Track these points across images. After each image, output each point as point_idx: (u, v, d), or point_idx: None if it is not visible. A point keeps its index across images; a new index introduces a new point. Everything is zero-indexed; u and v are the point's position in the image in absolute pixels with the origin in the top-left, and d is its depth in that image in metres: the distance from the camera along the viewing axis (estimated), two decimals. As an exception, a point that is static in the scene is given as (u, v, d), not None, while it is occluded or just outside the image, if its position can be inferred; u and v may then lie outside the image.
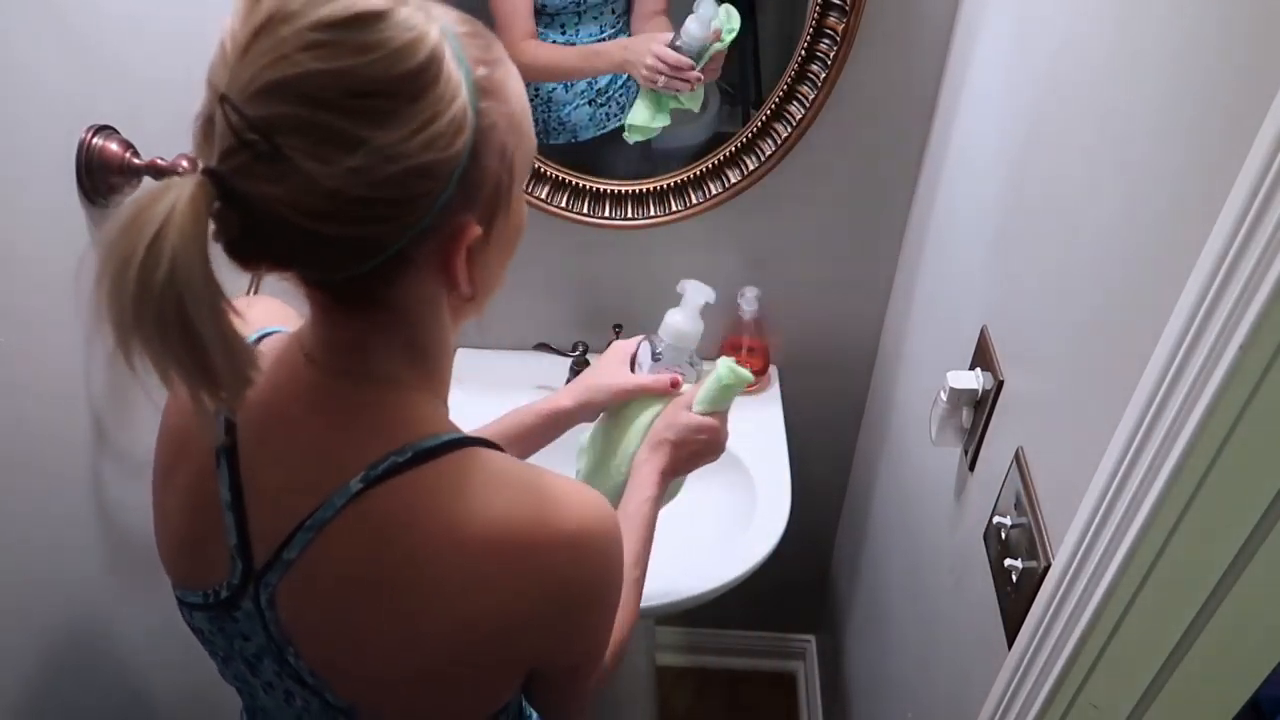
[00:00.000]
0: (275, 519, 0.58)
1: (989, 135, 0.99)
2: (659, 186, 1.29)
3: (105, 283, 0.45)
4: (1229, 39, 0.55)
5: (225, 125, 0.46)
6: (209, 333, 0.46)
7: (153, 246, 0.44)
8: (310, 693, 0.61)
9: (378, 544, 0.56)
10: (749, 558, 1.17)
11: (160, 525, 0.67)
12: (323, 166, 0.46)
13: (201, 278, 0.45)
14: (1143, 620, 0.63)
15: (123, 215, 0.45)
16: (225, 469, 0.59)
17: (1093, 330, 0.70)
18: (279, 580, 0.58)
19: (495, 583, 0.57)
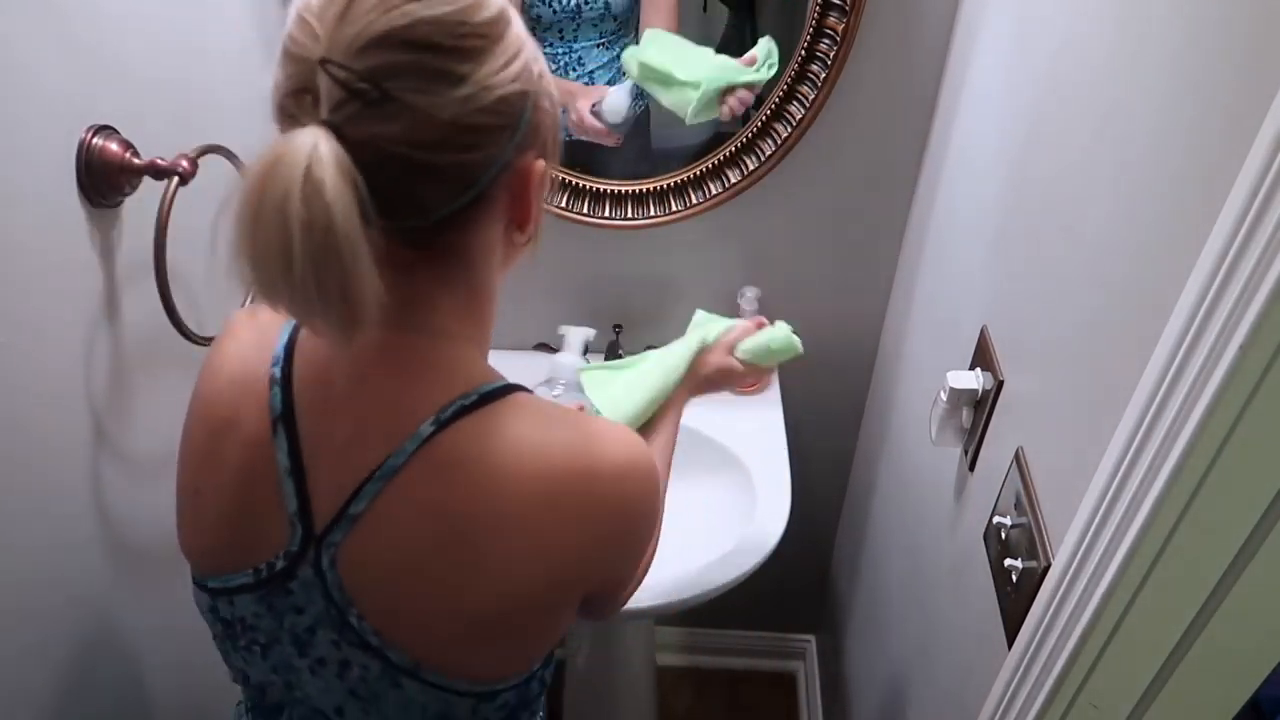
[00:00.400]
0: (339, 478, 0.61)
1: (989, 135, 0.99)
2: (659, 186, 1.29)
3: (261, 228, 0.49)
4: (1229, 39, 0.55)
5: (331, 83, 0.51)
6: (362, 265, 0.51)
7: (306, 188, 0.48)
8: (372, 656, 0.62)
9: (448, 484, 0.60)
10: (749, 558, 1.17)
11: (192, 514, 0.67)
12: (434, 100, 0.52)
13: (355, 215, 0.50)
14: (1143, 620, 0.63)
15: (260, 169, 0.49)
16: (284, 436, 0.61)
17: (1093, 330, 0.70)
18: (343, 538, 0.61)
19: (560, 512, 0.61)
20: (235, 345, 0.67)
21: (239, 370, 0.65)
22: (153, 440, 0.92)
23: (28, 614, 0.76)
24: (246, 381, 0.63)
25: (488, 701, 0.65)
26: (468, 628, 0.62)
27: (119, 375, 0.85)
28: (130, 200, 0.84)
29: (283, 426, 0.62)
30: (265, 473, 0.62)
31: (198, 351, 0.96)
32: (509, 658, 0.65)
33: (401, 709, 0.64)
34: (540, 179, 0.61)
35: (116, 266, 0.84)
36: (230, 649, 0.69)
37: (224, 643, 0.69)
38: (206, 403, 0.66)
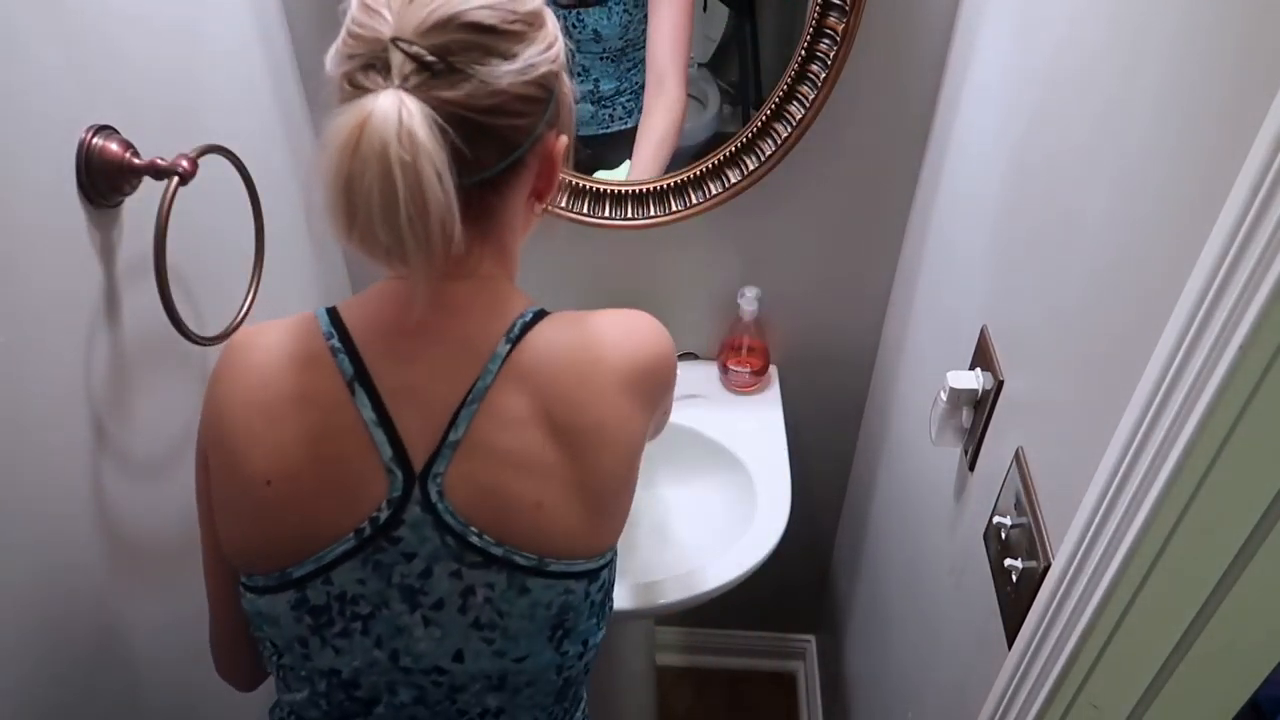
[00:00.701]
0: (429, 414, 0.67)
1: (989, 135, 0.99)
2: (659, 186, 1.29)
3: (363, 178, 0.56)
4: (1229, 39, 0.55)
5: (403, 57, 0.58)
6: (456, 204, 0.58)
7: (403, 137, 0.55)
8: (498, 569, 0.68)
9: (534, 390, 0.67)
10: (749, 557, 1.17)
11: (258, 508, 0.68)
12: (492, 71, 0.60)
13: (447, 159, 0.57)
14: (1143, 620, 0.63)
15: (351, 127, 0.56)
16: (363, 394, 0.67)
17: (1093, 330, 0.70)
18: (446, 467, 0.67)
19: (630, 392, 0.70)
20: (264, 340, 0.71)
21: (287, 355, 0.69)
22: (153, 440, 0.92)
23: (27, 614, 0.76)
24: (305, 359, 0.68)
25: (594, 583, 0.73)
26: (581, 509, 0.69)
27: (119, 375, 0.85)
28: (130, 200, 0.84)
29: (359, 385, 0.67)
30: (348, 434, 0.67)
31: (197, 351, 0.96)
32: (606, 530, 0.73)
33: (527, 620, 0.70)
34: (563, 153, 0.70)
35: (116, 266, 0.84)
36: (318, 645, 0.71)
37: (312, 640, 0.71)
38: (258, 395, 0.68)
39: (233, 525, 0.71)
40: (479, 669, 0.72)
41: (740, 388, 1.44)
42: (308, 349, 0.68)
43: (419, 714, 0.74)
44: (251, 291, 0.98)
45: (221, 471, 0.70)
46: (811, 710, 1.88)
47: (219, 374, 0.71)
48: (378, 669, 0.72)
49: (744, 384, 1.44)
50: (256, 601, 0.71)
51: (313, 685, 0.73)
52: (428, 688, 0.72)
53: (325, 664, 0.72)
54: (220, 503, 0.71)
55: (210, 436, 0.71)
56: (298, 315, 0.72)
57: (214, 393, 0.71)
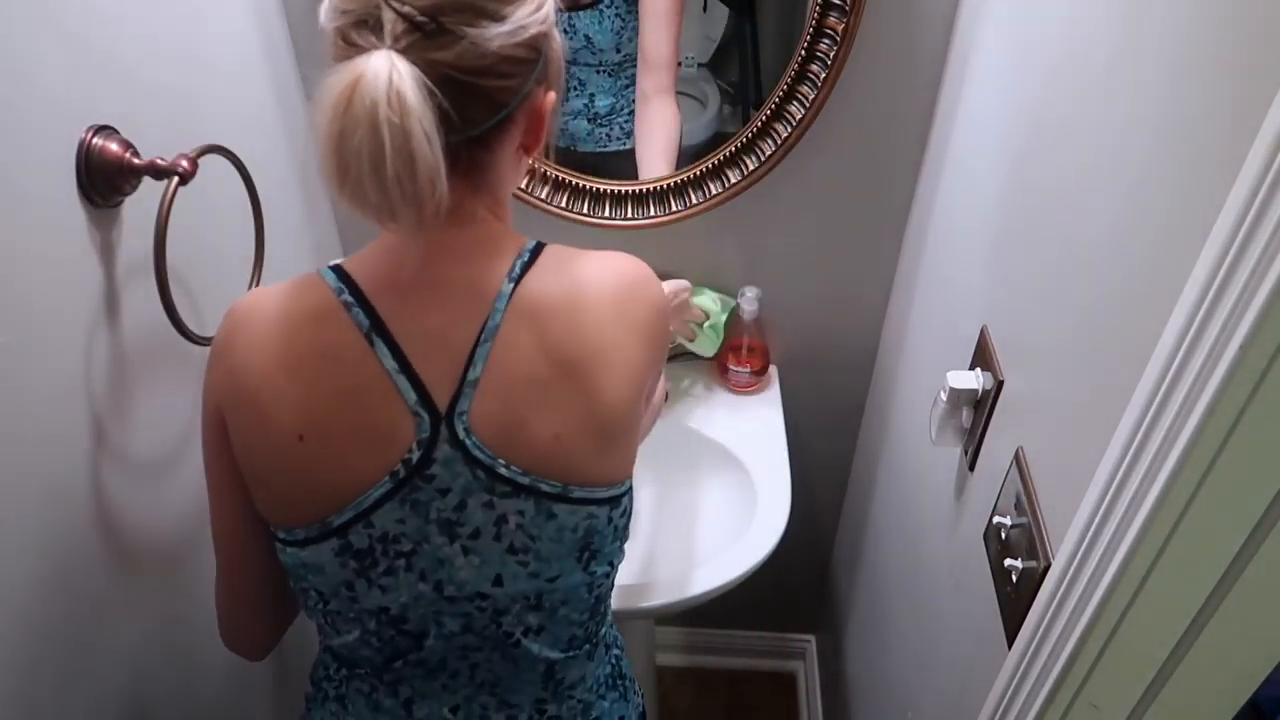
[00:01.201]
0: (447, 356, 0.70)
1: (989, 134, 0.99)
2: (659, 186, 1.29)
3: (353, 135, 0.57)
4: (1229, 37, 0.55)
5: (395, 16, 0.60)
6: (442, 163, 0.60)
7: (392, 97, 0.57)
8: (525, 496, 0.72)
9: (542, 324, 0.70)
10: (749, 558, 1.17)
11: (293, 465, 0.70)
12: (482, 33, 0.62)
13: (434, 119, 0.59)
14: (1143, 620, 0.63)
15: (343, 86, 0.57)
16: (382, 344, 0.69)
17: (1093, 330, 0.70)
18: (469, 405, 0.70)
19: (626, 319, 0.73)
20: (269, 302, 0.72)
21: (300, 314, 0.71)
22: (153, 440, 0.92)
23: (27, 613, 0.76)
24: (319, 315, 0.70)
25: (615, 508, 0.77)
26: (593, 438, 0.72)
27: (119, 375, 0.85)
28: (130, 200, 0.84)
29: (377, 336, 0.69)
30: (372, 383, 0.69)
31: (198, 351, 0.96)
32: (619, 461, 0.77)
33: (556, 543, 0.74)
34: (552, 109, 0.71)
35: (116, 266, 0.84)
36: (365, 587, 0.74)
37: (358, 582, 0.73)
38: (276, 354, 0.70)
39: (268, 484, 0.73)
40: (517, 590, 0.75)
41: (740, 388, 1.44)
42: (320, 306, 0.70)
43: (468, 641, 0.78)
44: (255, 280, 0.98)
45: (248, 433, 0.72)
46: (811, 710, 1.88)
47: (227, 339, 0.72)
48: (424, 601, 0.75)
49: (744, 384, 1.44)
50: (299, 554, 0.73)
51: (363, 625, 0.76)
52: (473, 614, 0.76)
53: (373, 603, 0.75)
54: (250, 464, 0.73)
55: (228, 400, 0.72)
56: (296, 277, 0.73)
57: (225, 357, 0.72)
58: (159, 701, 0.96)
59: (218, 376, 0.73)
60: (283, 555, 0.75)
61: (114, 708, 0.89)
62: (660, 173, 1.28)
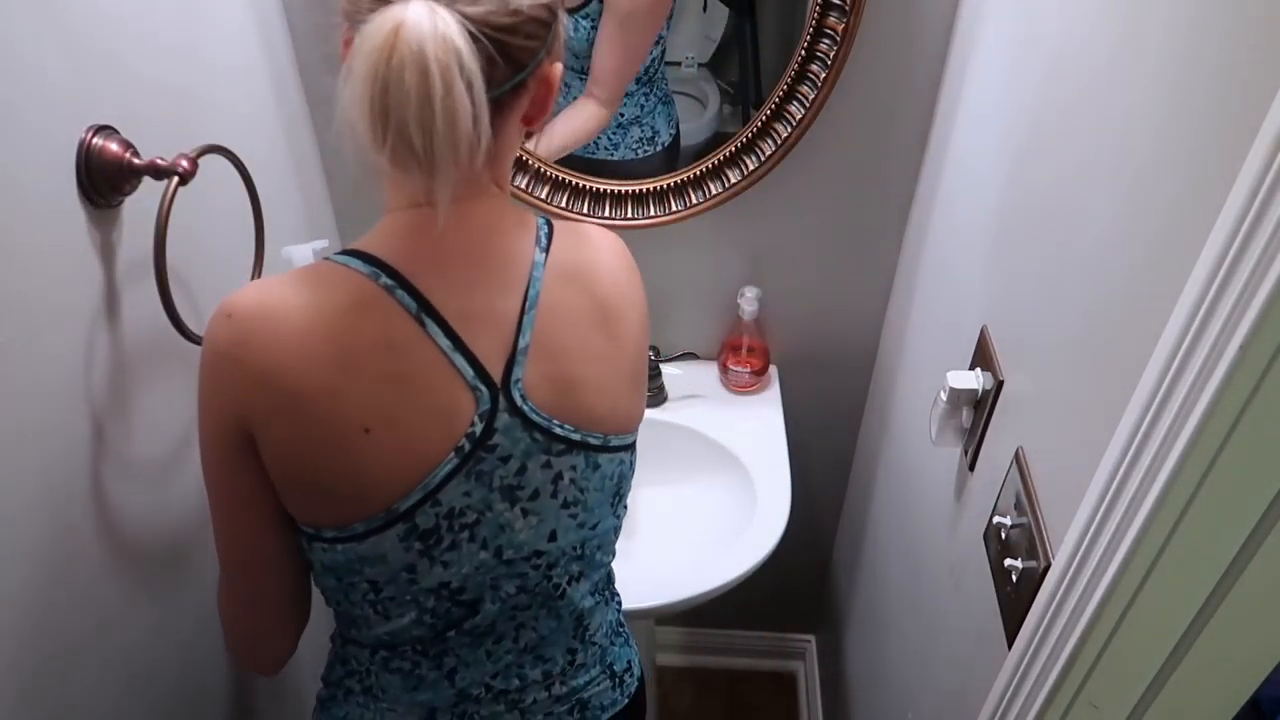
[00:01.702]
0: (495, 328, 0.72)
1: (989, 134, 0.99)
2: (659, 186, 1.29)
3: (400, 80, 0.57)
4: (1229, 37, 0.55)
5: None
6: (485, 110, 0.60)
7: (437, 39, 0.57)
8: (577, 451, 0.76)
9: (576, 288, 0.75)
10: (749, 558, 1.17)
11: (362, 457, 0.69)
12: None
13: (478, 60, 0.59)
14: (1143, 620, 0.63)
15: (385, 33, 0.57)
16: (433, 324, 0.69)
17: (1093, 330, 0.70)
18: (523, 371, 0.72)
19: (632, 278, 0.81)
20: (284, 300, 0.68)
21: (334, 306, 0.68)
22: (153, 440, 0.92)
23: (27, 613, 0.76)
24: (359, 304, 0.68)
25: (633, 453, 0.83)
26: (625, 388, 0.79)
27: (119, 375, 0.85)
28: (130, 200, 0.83)
29: (427, 317, 0.69)
30: (428, 365, 0.70)
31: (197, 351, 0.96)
32: (639, 406, 0.83)
33: (599, 491, 0.79)
34: (556, 80, 0.72)
35: (116, 266, 0.84)
36: (427, 567, 0.74)
37: (420, 563, 0.74)
38: (319, 350, 0.67)
39: (324, 485, 0.70)
40: (568, 542, 0.80)
41: (740, 388, 1.44)
42: (359, 293, 0.68)
43: (520, 601, 0.81)
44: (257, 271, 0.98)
45: (299, 438, 0.68)
46: (811, 710, 1.88)
47: (240, 344, 0.68)
48: (484, 569, 0.77)
49: (744, 384, 1.44)
50: (355, 549, 0.72)
51: (419, 604, 0.77)
52: (529, 573, 0.79)
53: (434, 581, 0.76)
54: (301, 469, 0.70)
55: (262, 408, 0.68)
56: (302, 269, 0.71)
57: (244, 365, 0.67)
58: (159, 701, 0.96)
59: (236, 388, 0.68)
60: (330, 554, 0.73)
61: (114, 707, 0.89)
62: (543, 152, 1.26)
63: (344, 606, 0.80)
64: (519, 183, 1.29)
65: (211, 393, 0.70)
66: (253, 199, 0.97)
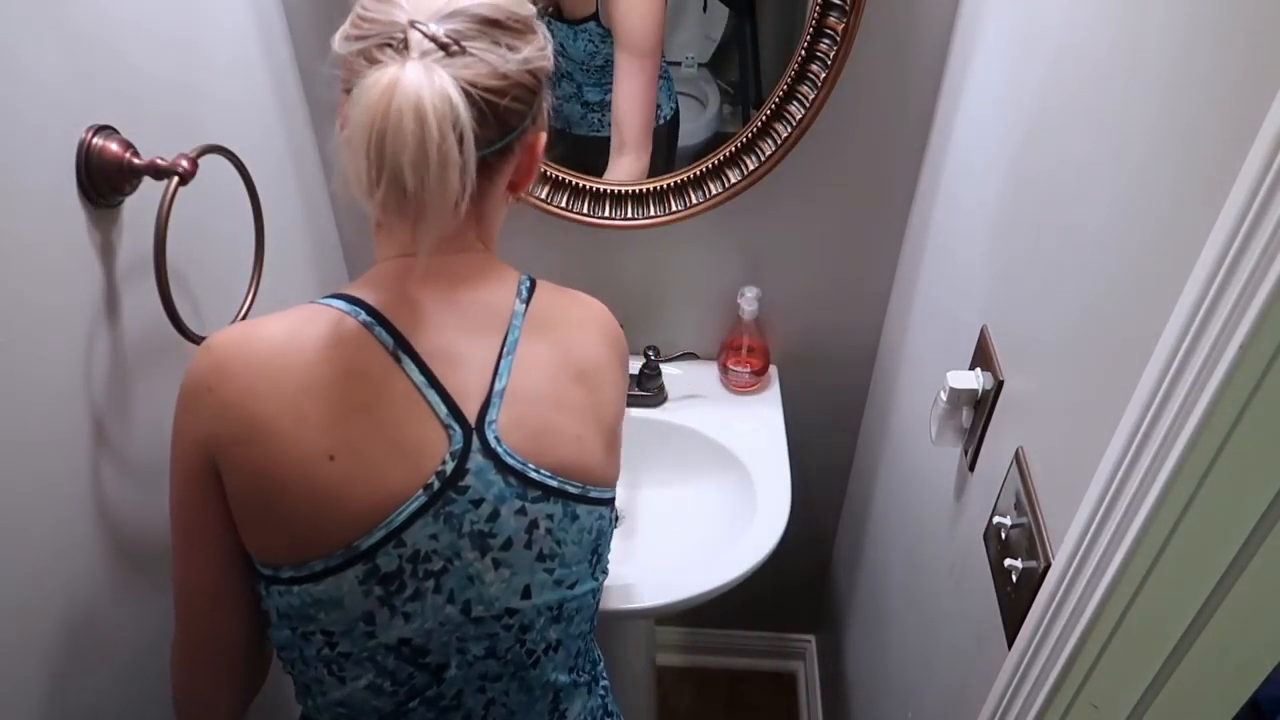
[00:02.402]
0: (471, 370, 0.73)
1: (989, 134, 0.99)
2: (659, 186, 1.29)
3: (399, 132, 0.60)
4: (1229, 37, 0.55)
5: (421, 36, 0.64)
6: (473, 162, 0.63)
7: (433, 94, 0.60)
8: (554, 499, 0.75)
9: (552, 340, 0.77)
10: (749, 557, 1.17)
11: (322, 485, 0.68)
12: (500, 59, 0.66)
13: (471, 116, 0.63)
14: (1143, 620, 0.63)
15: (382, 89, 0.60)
16: (409, 361, 0.71)
17: (1093, 330, 0.70)
18: (498, 414, 0.73)
19: (609, 342, 0.82)
20: (264, 333, 0.70)
21: (313, 339, 0.70)
22: (153, 440, 0.92)
23: (26, 613, 0.76)
24: (337, 338, 0.70)
25: (611, 510, 0.83)
26: (601, 444, 0.78)
27: (119, 375, 0.85)
28: (130, 200, 0.83)
29: (403, 353, 0.71)
30: (401, 399, 0.70)
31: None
32: (615, 463, 0.82)
33: (577, 545, 0.78)
34: (541, 150, 0.76)
35: (116, 266, 0.84)
36: (386, 617, 0.72)
37: (379, 612, 0.71)
38: (291, 379, 0.68)
39: (287, 514, 0.68)
40: (543, 601, 0.77)
41: (740, 388, 1.44)
42: (337, 329, 0.70)
43: (489, 668, 0.77)
44: (251, 291, 0.98)
45: (263, 462, 0.68)
46: (811, 710, 1.88)
47: (213, 374, 0.69)
48: (449, 626, 0.74)
49: (744, 384, 1.44)
50: (311, 590, 0.70)
51: (376, 665, 0.73)
52: (499, 634, 0.76)
53: (393, 636, 0.72)
54: (266, 496, 0.68)
55: (229, 434, 0.68)
56: (289, 310, 0.72)
57: (215, 393, 0.68)
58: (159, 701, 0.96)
59: (204, 413, 0.69)
60: (285, 598, 0.71)
61: (114, 707, 0.89)
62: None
63: (299, 668, 0.76)
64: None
65: (183, 423, 0.71)
66: (253, 199, 0.97)
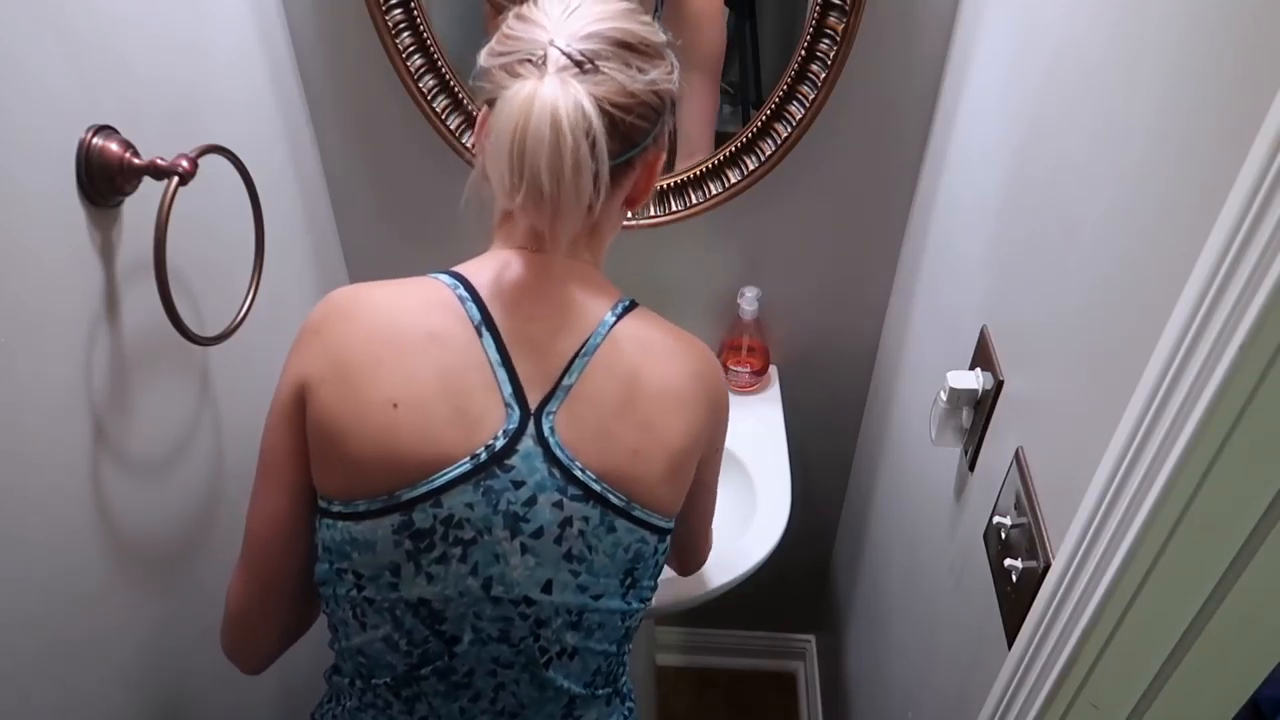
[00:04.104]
0: (545, 361, 0.76)
1: (989, 135, 0.99)
2: (659, 186, 1.29)
3: (537, 137, 0.66)
4: (1229, 37, 0.55)
5: (559, 54, 0.70)
6: (605, 167, 0.70)
7: (568, 104, 0.67)
8: (594, 504, 0.76)
9: (635, 353, 0.78)
10: (749, 558, 1.17)
11: (379, 430, 0.73)
12: (629, 79, 0.72)
13: (603, 122, 0.69)
14: (1143, 620, 0.63)
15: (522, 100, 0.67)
16: (489, 337, 0.75)
17: (1093, 330, 0.70)
18: (558, 407, 0.75)
19: (696, 387, 0.81)
20: (377, 291, 0.77)
21: (413, 300, 0.76)
22: (153, 440, 0.92)
23: (26, 613, 0.76)
24: (434, 304, 0.76)
25: (661, 540, 0.82)
26: (661, 468, 0.78)
27: (119, 375, 0.85)
28: (130, 200, 0.83)
29: (485, 330, 0.75)
30: (473, 370, 0.74)
31: (198, 351, 0.96)
32: (675, 497, 0.82)
33: (609, 558, 0.78)
34: (659, 169, 0.81)
35: (116, 266, 0.84)
36: (411, 573, 0.75)
37: (405, 566, 0.75)
38: (384, 329, 0.75)
39: (346, 450, 0.74)
40: (563, 601, 0.78)
41: (740, 388, 1.44)
42: (435, 297, 0.76)
43: (501, 652, 0.78)
44: (251, 291, 0.98)
45: (339, 398, 0.74)
46: (811, 710, 1.88)
47: (324, 319, 0.76)
48: (467, 599, 0.76)
49: (744, 384, 1.44)
50: (351, 529, 0.74)
51: (395, 619, 0.77)
52: (514, 620, 0.77)
53: (414, 593, 0.75)
54: (332, 431, 0.74)
55: (319, 372, 0.75)
56: (402, 280, 0.79)
57: (320, 334, 0.76)
58: (158, 701, 0.96)
59: (308, 353, 0.76)
60: (330, 531, 0.76)
61: (113, 707, 0.89)
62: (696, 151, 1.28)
63: (331, 606, 0.80)
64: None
65: (291, 360, 0.78)
66: (253, 199, 0.97)
